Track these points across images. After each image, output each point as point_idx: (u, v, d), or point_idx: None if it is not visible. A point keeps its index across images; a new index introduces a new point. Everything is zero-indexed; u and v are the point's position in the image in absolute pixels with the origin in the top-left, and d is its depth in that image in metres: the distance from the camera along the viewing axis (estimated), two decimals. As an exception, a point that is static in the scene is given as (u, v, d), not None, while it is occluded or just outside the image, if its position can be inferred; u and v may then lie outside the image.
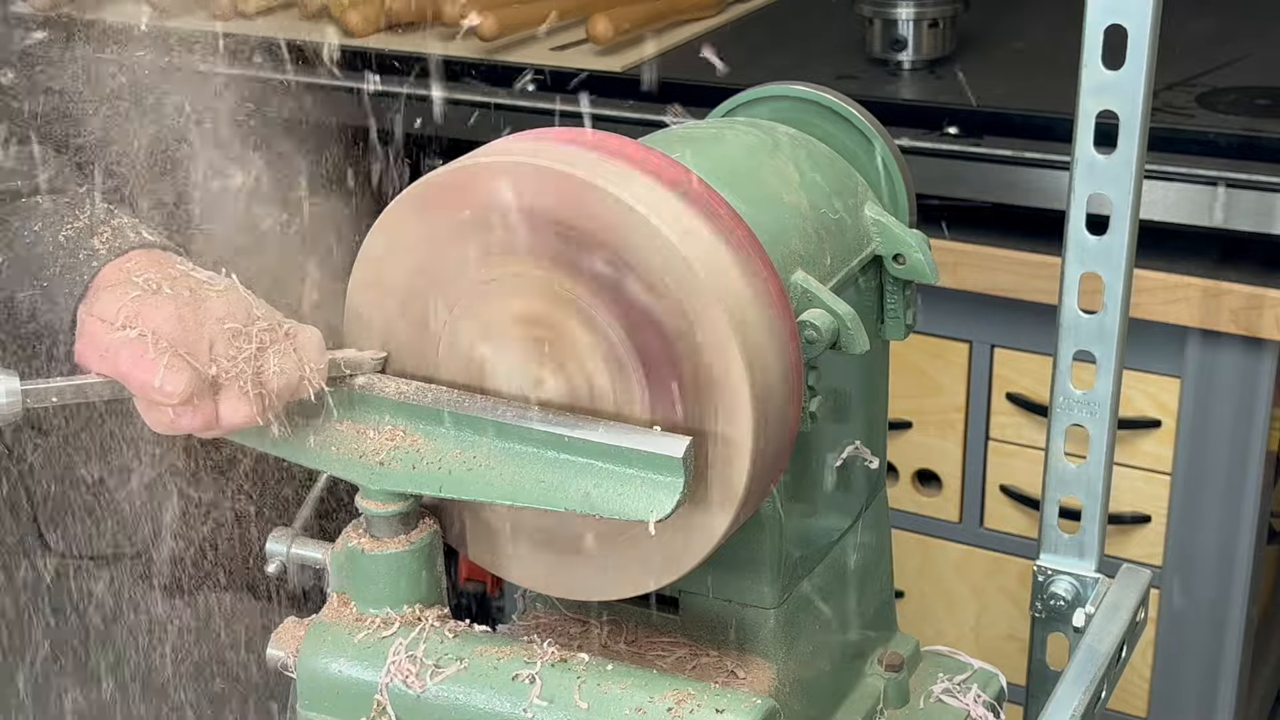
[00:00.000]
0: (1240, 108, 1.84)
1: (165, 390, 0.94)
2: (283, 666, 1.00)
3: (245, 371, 0.95)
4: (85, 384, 0.98)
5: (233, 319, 0.97)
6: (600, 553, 0.99)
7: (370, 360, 1.00)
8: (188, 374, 0.94)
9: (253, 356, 0.96)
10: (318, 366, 0.97)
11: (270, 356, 0.96)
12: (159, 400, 0.95)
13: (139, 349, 0.96)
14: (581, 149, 0.93)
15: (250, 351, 0.96)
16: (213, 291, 0.99)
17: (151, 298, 0.98)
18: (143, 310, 0.98)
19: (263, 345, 0.96)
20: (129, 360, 0.96)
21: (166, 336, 0.96)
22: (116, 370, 0.97)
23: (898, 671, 1.18)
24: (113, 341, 0.97)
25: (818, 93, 1.16)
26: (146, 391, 0.96)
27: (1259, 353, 1.70)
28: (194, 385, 0.95)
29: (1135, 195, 1.23)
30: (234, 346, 0.96)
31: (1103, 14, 1.19)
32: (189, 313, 0.97)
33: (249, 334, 0.96)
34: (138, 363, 0.95)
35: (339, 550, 1.00)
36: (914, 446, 1.97)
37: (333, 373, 0.98)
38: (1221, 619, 1.81)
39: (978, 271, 1.79)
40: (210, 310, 0.98)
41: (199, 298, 0.98)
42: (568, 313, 0.93)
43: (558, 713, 0.92)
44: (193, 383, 0.94)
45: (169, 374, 0.94)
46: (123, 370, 0.96)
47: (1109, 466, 1.32)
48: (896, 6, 2.04)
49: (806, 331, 0.97)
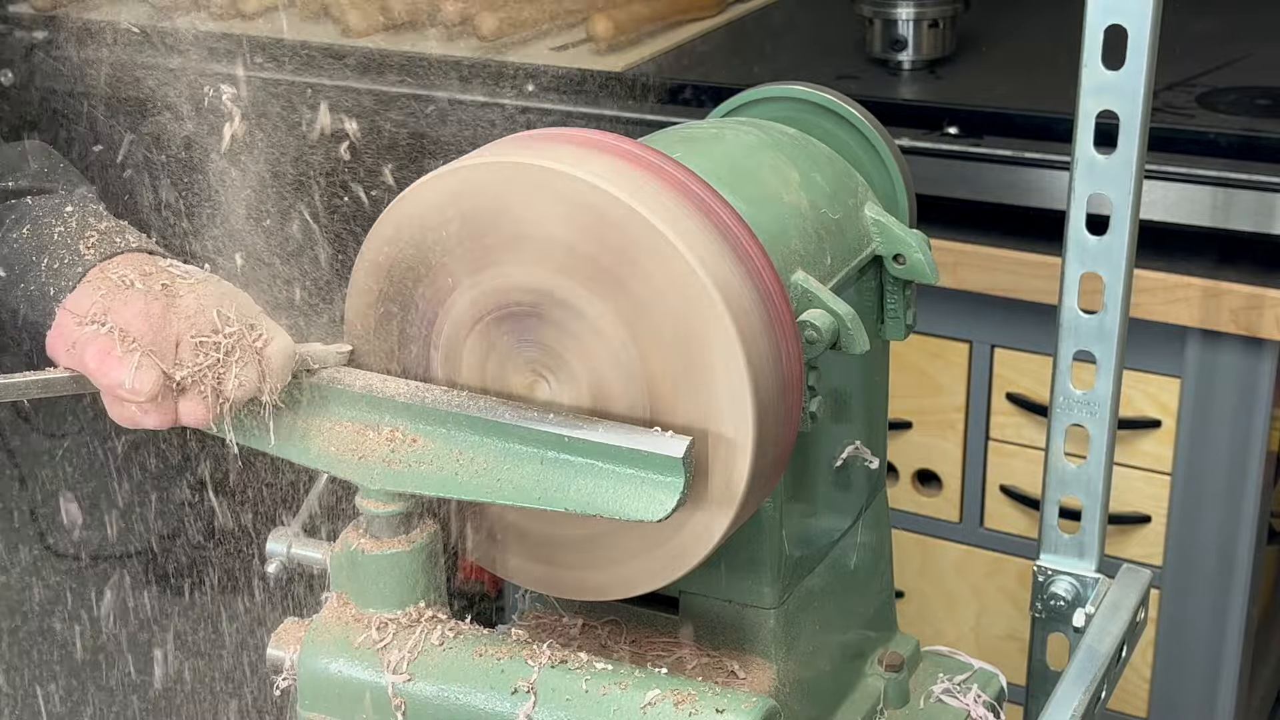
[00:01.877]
0: (1240, 108, 1.84)
1: (135, 390, 0.95)
2: (283, 666, 1.00)
3: (207, 376, 0.96)
4: (51, 379, 0.99)
5: (202, 316, 0.97)
6: (600, 553, 0.99)
7: (335, 354, 1.00)
8: (155, 374, 0.95)
9: (217, 363, 0.96)
10: (278, 380, 0.98)
11: (233, 365, 0.97)
12: (126, 398, 0.96)
13: (106, 346, 0.97)
14: (581, 148, 0.93)
15: (216, 358, 0.96)
16: (186, 286, 1.00)
17: (122, 293, 0.99)
18: (112, 306, 0.98)
19: (228, 351, 0.97)
20: (96, 356, 0.97)
21: (134, 333, 0.96)
22: (84, 366, 0.97)
23: (898, 671, 1.18)
24: (80, 336, 0.98)
25: (818, 93, 1.16)
26: (114, 390, 0.96)
27: (1259, 353, 1.70)
28: (161, 386, 0.95)
29: (1135, 195, 1.23)
30: (200, 351, 0.97)
31: (1103, 14, 1.19)
32: (158, 309, 0.97)
33: (215, 340, 0.97)
34: (105, 360, 0.96)
35: (339, 550, 1.00)
36: (914, 446, 1.97)
37: (302, 366, 0.99)
38: (1221, 619, 1.81)
39: (978, 271, 1.79)
40: (181, 308, 0.98)
41: (171, 293, 0.99)
42: (569, 312, 0.93)
43: (558, 713, 0.92)
44: (160, 383, 0.95)
45: (139, 374, 0.95)
46: (90, 367, 0.97)
47: (1109, 466, 1.32)
48: (896, 6, 2.04)
49: (806, 331, 0.97)
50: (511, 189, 0.92)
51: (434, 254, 0.96)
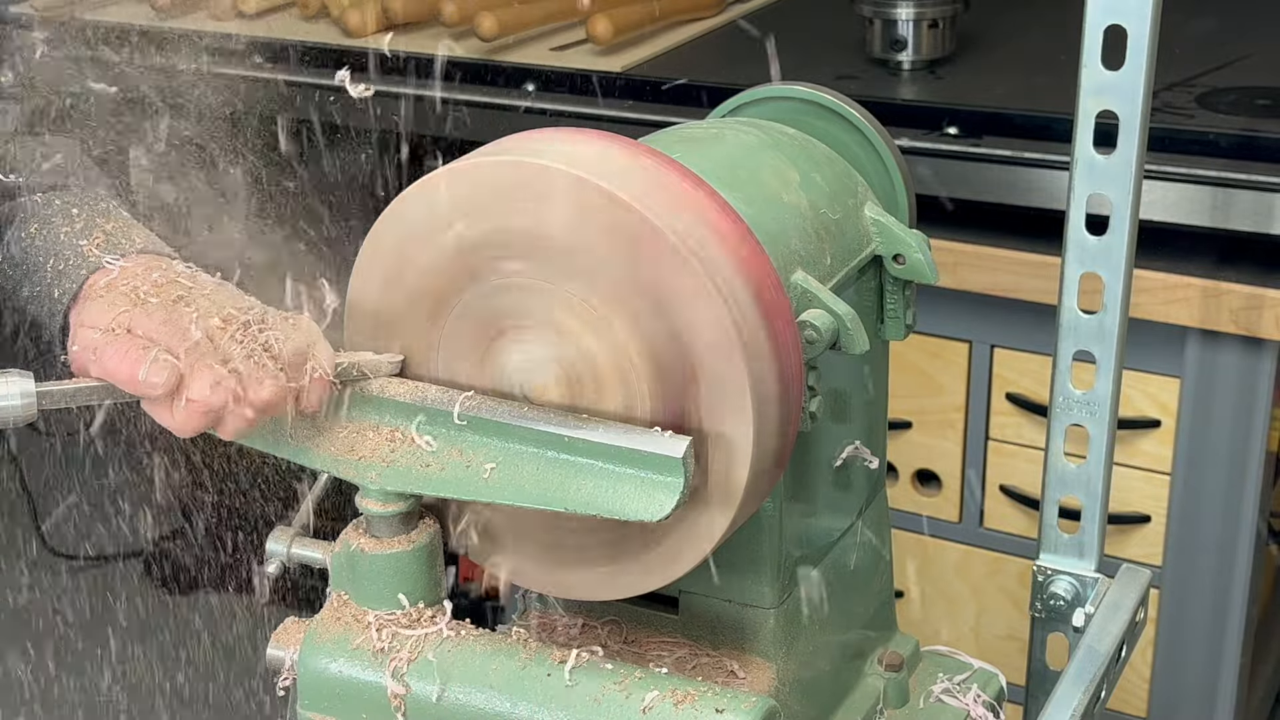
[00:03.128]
0: (1240, 108, 1.84)
1: (150, 382, 0.95)
2: (283, 666, 1.00)
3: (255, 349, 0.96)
4: (95, 387, 0.99)
5: (219, 315, 0.97)
6: (600, 553, 0.99)
7: (387, 364, 1.00)
8: (169, 367, 0.95)
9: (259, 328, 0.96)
10: (326, 365, 0.97)
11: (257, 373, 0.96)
12: (144, 393, 0.96)
13: (124, 346, 0.97)
14: (581, 148, 0.93)
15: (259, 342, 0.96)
16: (201, 295, 1.00)
17: (142, 308, 0.99)
18: (135, 321, 0.98)
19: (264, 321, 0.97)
20: (115, 357, 0.97)
21: (159, 340, 0.96)
22: (104, 369, 0.97)
23: (898, 671, 1.18)
24: (100, 341, 0.98)
25: (818, 93, 1.16)
26: (134, 386, 0.96)
27: (1259, 353, 1.70)
28: (176, 377, 0.95)
29: (1135, 195, 1.23)
30: (234, 341, 0.96)
31: (1103, 14, 1.19)
32: (177, 316, 0.98)
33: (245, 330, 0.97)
34: (123, 359, 0.96)
35: (339, 550, 1.00)
36: (914, 446, 1.97)
37: (350, 376, 0.98)
38: (1221, 619, 1.81)
39: (978, 271, 1.79)
40: (200, 309, 0.98)
41: (186, 301, 0.99)
42: (569, 313, 0.93)
43: (558, 713, 0.92)
44: (175, 375, 0.95)
45: (153, 366, 0.95)
46: (109, 368, 0.97)
47: (1109, 466, 1.32)
48: (896, 6, 2.04)
49: (806, 331, 0.97)
50: (509, 187, 0.92)
51: (435, 251, 0.96)
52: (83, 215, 1.12)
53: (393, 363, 1.00)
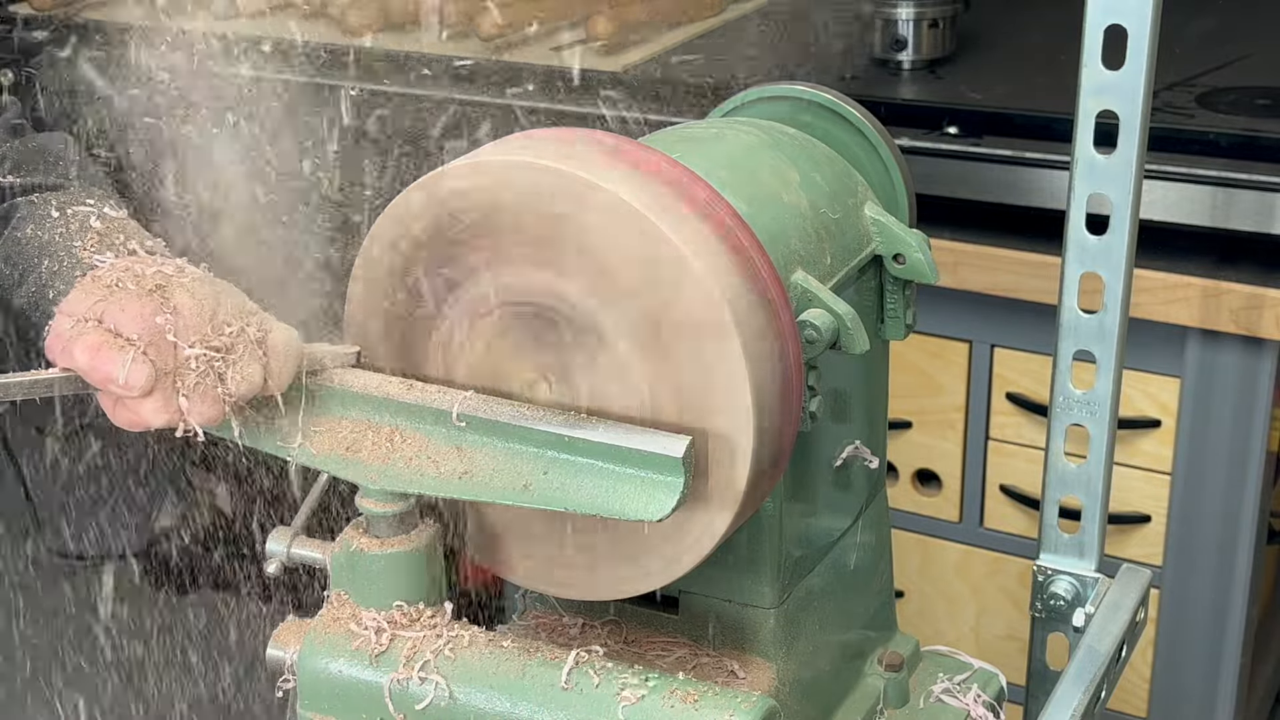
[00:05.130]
0: (1240, 108, 1.84)
1: (129, 384, 0.94)
2: (283, 666, 1.00)
3: (209, 374, 0.95)
4: (46, 379, 0.97)
5: (199, 314, 0.96)
6: (600, 552, 0.99)
7: (344, 354, 1.00)
8: (149, 368, 0.94)
9: (219, 359, 0.95)
10: (282, 374, 0.97)
11: (235, 361, 0.96)
12: (121, 393, 0.95)
13: (98, 341, 0.95)
14: (580, 147, 0.93)
15: (218, 355, 0.95)
16: (181, 285, 0.98)
17: (116, 295, 0.98)
18: (108, 308, 0.97)
19: (229, 349, 0.96)
20: (87, 351, 0.95)
21: (130, 332, 0.95)
22: (75, 362, 0.96)
23: (898, 671, 1.18)
24: (74, 335, 0.97)
25: (818, 93, 1.16)
26: (108, 386, 0.95)
27: (1259, 352, 1.70)
28: (155, 379, 0.94)
29: (1135, 195, 1.23)
30: (201, 346, 0.96)
31: (1103, 14, 1.19)
32: (152, 308, 0.96)
33: (216, 338, 0.96)
34: (96, 354, 0.95)
35: (339, 550, 1.00)
36: (914, 446, 1.97)
37: (308, 366, 0.99)
38: (1221, 619, 1.81)
39: (978, 271, 1.79)
40: (177, 306, 0.97)
41: (166, 293, 0.98)
42: (569, 313, 0.93)
43: (557, 712, 0.92)
44: (153, 377, 0.94)
45: (133, 367, 0.94)
46: (82, 364, 0.95)
47: (1109, 466, 1.32)
48: (896, 6, 2.03)
49: (806, 331, 0.97)
50: (509, 188, 0.92)
51: (435, 252, 0.96)
52: (78, 217, 1.12)
53: (349, 353, 1.01)
